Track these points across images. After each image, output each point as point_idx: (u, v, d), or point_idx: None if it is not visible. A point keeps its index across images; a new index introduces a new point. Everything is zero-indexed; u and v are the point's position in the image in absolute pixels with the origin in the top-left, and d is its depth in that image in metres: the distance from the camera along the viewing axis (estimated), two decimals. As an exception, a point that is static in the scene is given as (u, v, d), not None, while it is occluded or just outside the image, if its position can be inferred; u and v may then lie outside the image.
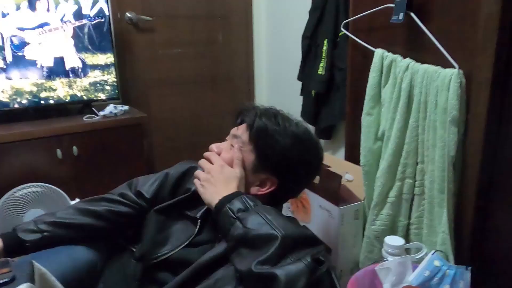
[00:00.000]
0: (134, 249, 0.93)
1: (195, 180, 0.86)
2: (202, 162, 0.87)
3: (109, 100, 1.88)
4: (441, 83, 0.98)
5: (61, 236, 0.90)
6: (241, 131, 0.88)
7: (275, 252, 0.64)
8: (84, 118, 1.71)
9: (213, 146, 0.89)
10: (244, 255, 0.68)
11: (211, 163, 0.86)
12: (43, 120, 1.69)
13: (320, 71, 1.75)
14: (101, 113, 1.75)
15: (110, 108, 1.78)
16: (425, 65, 1.04)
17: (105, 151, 1.71)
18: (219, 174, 0.82)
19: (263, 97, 2.48)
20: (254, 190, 0.87)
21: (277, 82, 2.36)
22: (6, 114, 1.65)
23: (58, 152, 1.60)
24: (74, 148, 1.63)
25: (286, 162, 0.85)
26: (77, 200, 1.33)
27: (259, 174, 0.86)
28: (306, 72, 1.89)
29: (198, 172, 0.86)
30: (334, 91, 1.76)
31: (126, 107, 1.83)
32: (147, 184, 0.99)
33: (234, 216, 0.72)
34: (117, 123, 1.75)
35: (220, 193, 0.78)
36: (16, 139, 1.52)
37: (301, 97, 1.94)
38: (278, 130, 0.85)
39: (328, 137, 1.92)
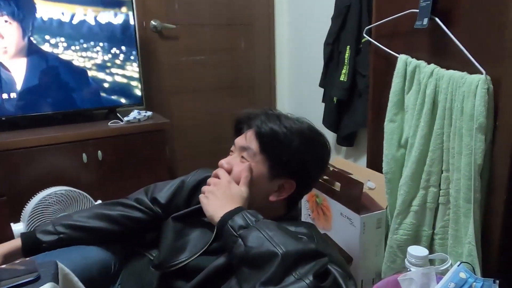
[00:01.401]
0: (151, 257, 0.94)
1: (200, 195, 0.84)
2: (211, 179, 0.85)
3: (133, 106, 1.92)
4: (467, 89, 0.95)
5: (76, 238, 0.92)
6: (249, 141, 0.85)
7: (276, 270, 0.63)
8: (109, 124, 1.75)
9: (223, 162, 0.86)
10: (247, 275, 0.67)
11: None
12: (70, 125, 1.74)
13: (342, 77, 1.74)
14: (126, 118, 1.79)
15: (134, 114, 1.82)
16: (451, 71, 1.02)
17: (128, 156, 1.75)
18: (225, 189, 0.81)
19: (285, 104, 2.48)
20: (274, 197, 0.86)
21: (299, 89, 2.36)
22: (34, 119, 1.71)
23: (84, 156, 1.64)
24: (99, 152, 1.67)
25: (300, 162, 0.84)
26: (99, 201, 1.36)
27: (276, 181, 0.85)
28: (328, 78, 1.88)
29: (204, 187, 0.84)
30: (356, 98, 1.74)
31: (149, 113, 1.87)
32: (163, 190, 1.00)
33: (235, 234, 0.70)
34: (141, 129, 1.78)
35: (223, 208, 0.76)
36: (43, 143, 1.57)
37: (323, 104, 1.93)
38: (286, 133, 0.83)
39: (350, 145, 1.90)
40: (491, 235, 1.00)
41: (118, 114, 1.85)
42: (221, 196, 0.80)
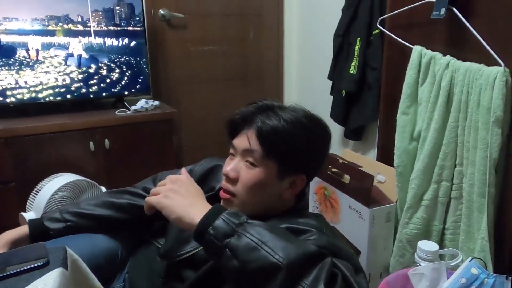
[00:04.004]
0: (159, 245, 0.93)
1: (149, 198, 0.74)
2: (167, 178, 0.77)
3: (141, 95, 1.91)
4: (485, 82, 0.93)
5: (83, 226, 0.91)
6: (253, 144, 0.78)
7: (282, 286, 0.57)
8: (117, 112, 1.74)
9: (229, 171, 0.78)
10: None
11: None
12: (78, 113, 1.73)
13: (352, 70, 1.71)
14: (133, 107, 1.78)
15: (141, 103, 1.81)
16: (467, 63, 1.00)
17: (135, 145, 1.74)
18: (188, 185, 0.72)
19: (292, 95, 2.46)
20: (287, 194, 0.82)
21: (307, 80, 2.34)
22: (42, 106, 1.71)
23: (91, 144, 1.64)
24: (106, 141, 1.66)
25: (307, 155, 0.80)
26: (103, 188, 1.35)
27: (287, 179, 0.81)
28: (337, 71, 1.86)
29: (158, 188, 0.75)
30: (366, 91, 1.72)
31: (157, 102, 1.86)
32: None
33: (220, 244, 0.61)
34: (148, 118, 1.77)
35: (193, 206, 0.68)
36: (51, 131, 1.57)
37: (331, 97, 1.91)
38: (287, 128, 0.77)
39: (358, 138, 1.88)
40: (505, 231, 0.98)
41: (125, 103, 1.84)
42: (185, 192, 0.71)
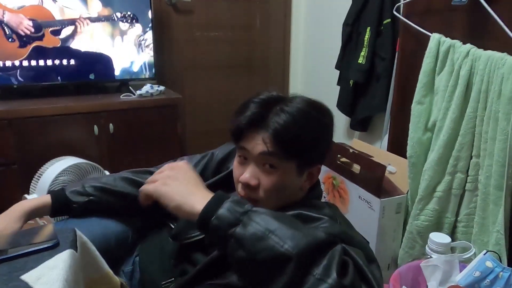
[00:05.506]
0: (173, 226, 0.92)
1: (145, 186, 0.70)
2: (163, 167, 0.73)
3: (146, 80, 1.88)
4: (507, 71, 0.90)
5: (105, 201, 0.90)
6: (271, 146, 0.72)
7: (293, 275, 0.55)
8: (121, 97, 1.71)
9: (249, 178, 0.73)
10: (257, 282, 0.59)
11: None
12: (82, 96, 1.70)
13: (361, 60, 1.69)
14: (138, 92, 1.75)
15: (146, 88, 1.78)
16: (489, 52, 0.97)
17: (139, 129, 1.72)
18: (187, 171, 0.69)
19: (298, 84, 2.43)
20: (305, 185, 0.79)
21: (313, 69, 2.30)
22: (46, 88, 1.67)
23: (95, 128, 1.61)
24: (111, 125, 1.63)
25: (321, 145, 0.78)
26: (106, 172, 1.33)
27: (305, 172, 0.78)
28: (345, 61, 1.83)
29: (155, 176, 0.70)
30: (374, 81, 1.69)
31: (162, 88, 1.82)
32: (192, 163, 0.95)
33: (224, 234, 0.58)
34: (153, 103, 1.74)
35: (193, 195, 0.64)
36: (56, 113, 1.54)
37: (337, 87, 1.88)
38: (300, 124, 0.72)
39: (364, 129, 1.86)
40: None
41: (130, 88, 1.81)
42: (184, 179, 0.67)
